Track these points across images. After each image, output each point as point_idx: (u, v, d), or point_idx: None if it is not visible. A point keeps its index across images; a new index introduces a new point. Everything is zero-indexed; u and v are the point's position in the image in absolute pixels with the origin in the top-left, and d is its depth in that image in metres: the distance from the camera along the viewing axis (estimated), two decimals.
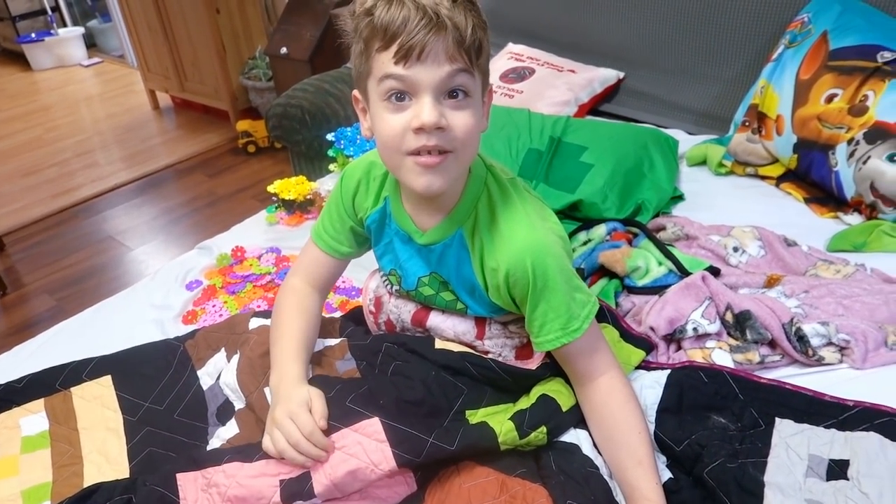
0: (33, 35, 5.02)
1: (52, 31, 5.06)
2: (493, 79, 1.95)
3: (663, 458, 0.94)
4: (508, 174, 0.95)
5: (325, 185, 1.61)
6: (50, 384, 1.09)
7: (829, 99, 1.40)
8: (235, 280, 1.39)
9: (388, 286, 1.06)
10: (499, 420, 0.91)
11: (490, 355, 1.00)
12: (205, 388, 1.09)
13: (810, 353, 1.04)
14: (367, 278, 1.12)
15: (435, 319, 1.02)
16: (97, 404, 1.07)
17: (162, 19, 3.59)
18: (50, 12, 5.13)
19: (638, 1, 1.87)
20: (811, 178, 1.45)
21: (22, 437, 1.02)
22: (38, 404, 1.07)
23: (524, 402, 0.95)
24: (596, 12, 1.96)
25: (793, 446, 0.92)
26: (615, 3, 1.92)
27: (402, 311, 1.05)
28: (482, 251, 0.89)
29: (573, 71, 1.91)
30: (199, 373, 1.11)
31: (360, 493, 0.88)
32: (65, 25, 5.26)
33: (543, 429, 0.91)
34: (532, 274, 0.85)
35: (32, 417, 1.05)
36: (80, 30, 5.18)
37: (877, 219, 1.33)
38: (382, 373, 0.98)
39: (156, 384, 1.10)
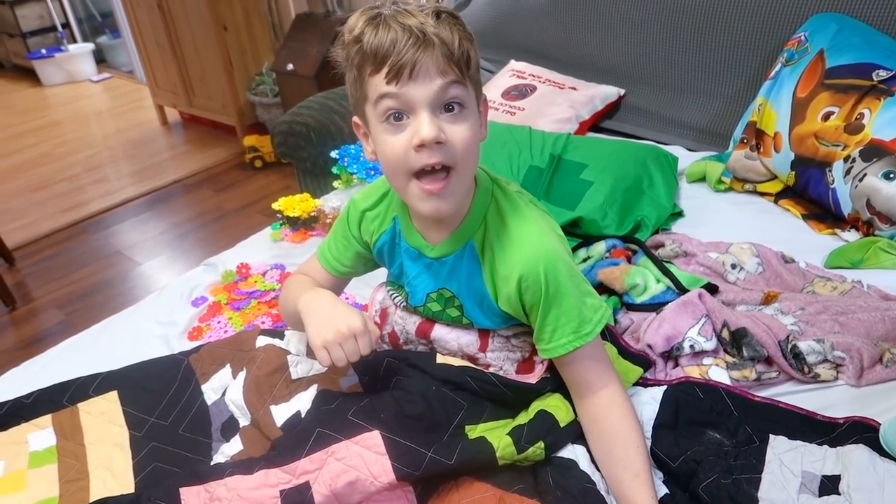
0: (44, 51, 5.09)
1: (62, 48, 5.13)
2: (495, 96, 1.98)
3: (660, 474, 0.95)
4: (514, 186, 0.97)
5: (329, 202, 1.63)
6: (57, 400, 1.11)
7: (826, 117, 1.42)
8: (240, 296, 1.41)
9: (394, 298, 1.08)
10: (497, 435, 0.93)
11: (491, 368, 1.02)
12: (209, 402, 1.11)
13: (806, 370, 1.06)
14: (374, 291, 1.15)
15: (439, 331, 1.04)
16: (104, 420, 1.09)
17: (170, 36, 3.64)
18: (60, 29, 5.21)
19: (638, 19, 1.89)
20: (809, 194, 1.46)
21: (29, 452, 1.04)
22: (46, 420, 1.09)
23: (523, 418, 0.97)
24: (597, 30, 1.99)
25: (786, 463, 0.93)
26: (616, 22, 1.94)
27: (406, 323, 1.07)
28: (493, 260, 0.91)
29: (574, 88, 1.94)
30: (204, 387, 1.13)
31: None
32: (75, 42, 5.33)
33: (541, 444, 0.92)
34: (545, 279, 0.87)
35: (40, 433, 1.07)
36: (90, 46, 5.24)
37: (873, 235, 1.34)
38: (384, 387, 1.01)
39: (161, 399, 1.12)
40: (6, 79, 5.44)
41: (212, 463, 1.02)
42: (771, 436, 0.98)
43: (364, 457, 0.88)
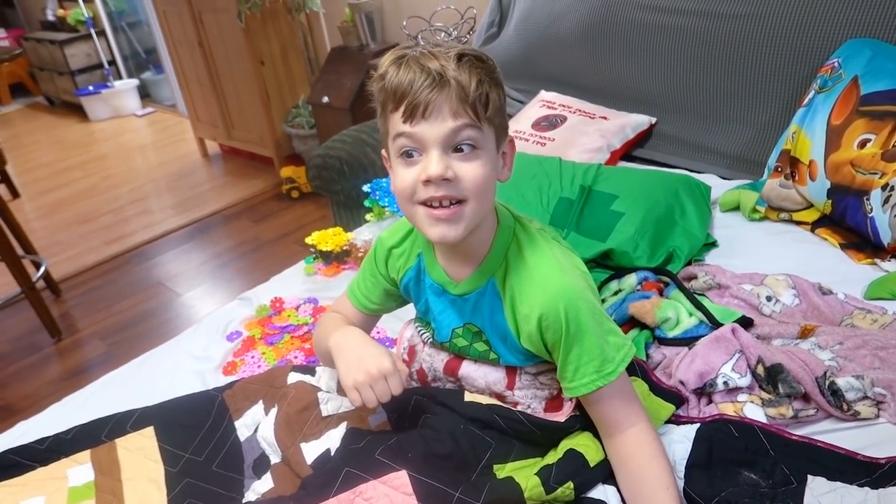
0: (91, 88, 5.28)
1: (108, 84, 5.31)
2: (525, 126, 1.98)
3: None
4: (537, 224, 0.98)
5: (362, 235, 1.65)
6: (96, 435, 1.14)
7: (862, 144, 1.39)
8: (274, 331, 1.43)
9: (423, 335, 1.09)
10: (525, 475, 0.92)
11: (519, 406, 1.01)
12: (242, 439, 1.12)
13: (845, 407, 1.03)
14: (403, 328, 1.16)
15: (467, 369, 1.04)
16: (140, 455, 1.11)
17: (210, 72, 3.75)
18: (107, 66, 5.40)
19: (668, 47, 1.89)
20: (847, 223, 1.43)
21: (69, 487, 1.06)
22: (85, 455, 1.11)
23: (552, 457, 0.96)
24: (627, 58, 1.99)
25: None
26: (646, 50, 1.94)
27: (434, 360, 1.08)
28: (513, 298, 0.92)
29: (605, 117, 1.93)
30: (237, 423, 1.14)
31: None
32: (120, 78, 5.52)
33: (570, 484, 0.91)
34: (565, 318, 0.86)
35: (79, 468, 1.09)
36: (135, 82, 5.42)
37: None
38: (412, 425, 1.01)
39: (195, 435, 1.13)
40: (56, 115, 5.65)
41: (244, 501, 1.03)
42: (809, 476, 0.95)
43: (391, 497, 0.89)
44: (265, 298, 1.56)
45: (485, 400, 1.00)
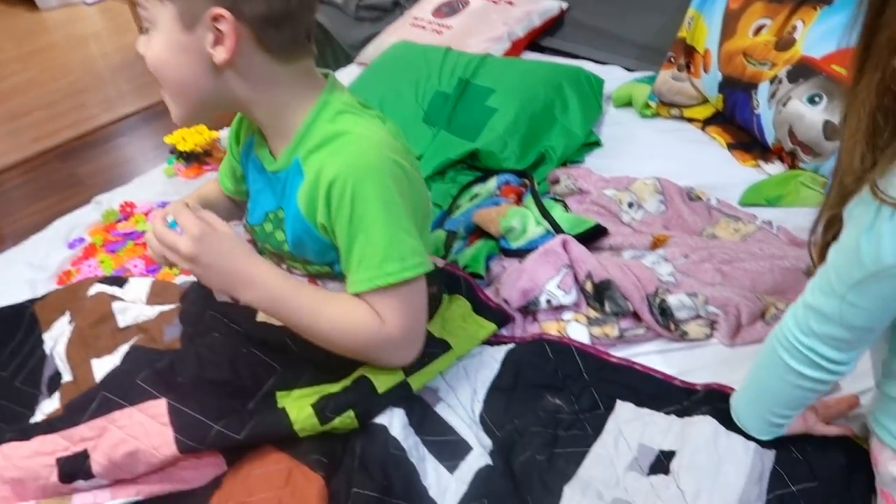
0: None
1: None
2: (426, 13, 1.80)
3: (488, 444, 0.86)
4: (374, 112, 0.86)
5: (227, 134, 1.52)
6: None
7: (758, 31, 1.23)
8: (116, 238, 1.34)
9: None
10: (300, 405, 0.84)
11: None
12: (48, 352, 1.05)
13: (672, 327, 0.94)
14: None
15: None
16: None
17: None
18: None
19: None
20: (736, 121, 1.29)
21: None
22: None
23: (342, 384, 0.88)
24: None
25: (625, 434, 0.83)
26: None
27: None
28: (313, 173, 0.81)
29: (511, 3, 1.75)
30: (45, 336, 1.07)
31: (161, 473, 0.83)
32: None
33: (351, 413, 0.84)
34: (352, 195, 0.76)
35: None
36: None
37: (798, 168, 1.18)
38: (200, 344, 0.93)
39: (4, 349, 1.07)
40: (4, 3, 5.34)
41: (30, 420, 0.97)
42: (618, 402, 0.87)
43: (146, 426, 0.81)
44: (119, 202, 1.45)
45: (278, 321, 0.91)
